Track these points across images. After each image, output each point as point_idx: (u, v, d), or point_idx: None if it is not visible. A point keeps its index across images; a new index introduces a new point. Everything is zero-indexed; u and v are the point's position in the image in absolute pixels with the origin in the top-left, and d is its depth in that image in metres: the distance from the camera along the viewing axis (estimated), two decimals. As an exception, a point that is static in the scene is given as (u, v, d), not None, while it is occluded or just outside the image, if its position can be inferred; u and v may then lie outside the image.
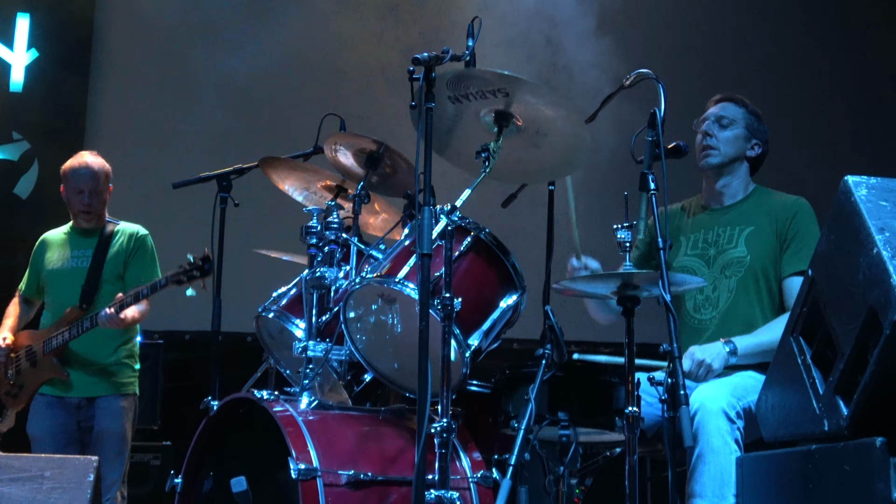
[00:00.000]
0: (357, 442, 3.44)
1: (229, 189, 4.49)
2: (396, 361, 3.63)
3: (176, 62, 7.48)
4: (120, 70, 7.58)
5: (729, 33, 7.86)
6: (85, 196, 5.16)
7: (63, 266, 5.18)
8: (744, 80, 7.35)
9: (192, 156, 6.74)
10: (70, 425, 5.06)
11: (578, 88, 6.07)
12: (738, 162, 4.10)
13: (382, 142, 4.02)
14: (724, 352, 3.69)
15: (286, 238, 4.47)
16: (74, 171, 5.18)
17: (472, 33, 3.46)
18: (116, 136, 7.38)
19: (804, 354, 2.98)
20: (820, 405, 2.85)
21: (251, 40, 7.37)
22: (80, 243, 5.23)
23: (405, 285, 3.35)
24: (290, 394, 3.64)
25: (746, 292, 3.93)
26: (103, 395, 5.05)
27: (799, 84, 7.78)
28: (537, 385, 3.25)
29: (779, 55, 7.82)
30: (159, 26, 7.50)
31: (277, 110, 7.32)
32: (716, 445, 3.40)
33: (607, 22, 6.35)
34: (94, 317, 4.89)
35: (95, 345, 5.06)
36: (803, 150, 7.45)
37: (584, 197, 4.86)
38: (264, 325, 4.16)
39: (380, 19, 7.50)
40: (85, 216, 5.18)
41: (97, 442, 4.98)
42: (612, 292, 3.36)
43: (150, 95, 7.49)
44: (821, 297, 2.91)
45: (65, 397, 5.05)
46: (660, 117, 3.42)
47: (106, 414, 5.02)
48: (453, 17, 6.83)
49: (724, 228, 4.06)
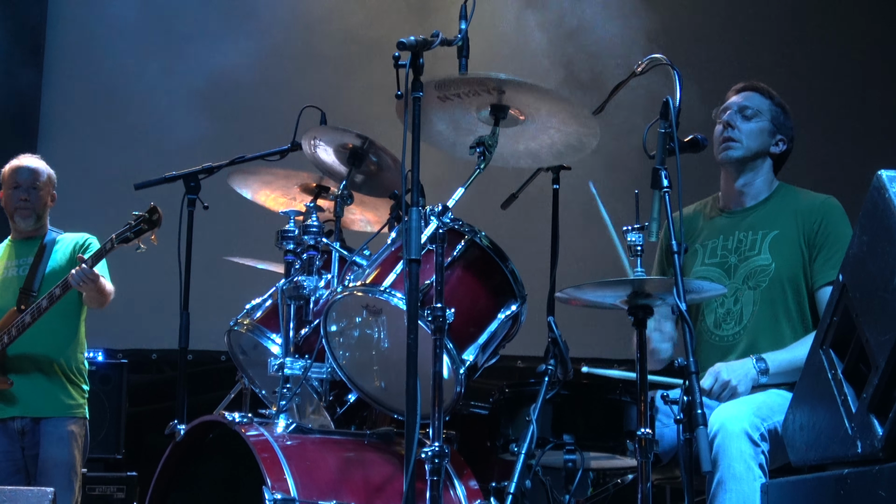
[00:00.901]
0: (339, 469, 3.43)
1: (197, 190, 4.49)
2: (383, 380, 3.63)
3: (139, 53, 7.49)
4: (77, 65, 7.59)
5: (753, 19, 7.88)
6: (21, 190, 5.24)
7: (2, 277, 5.21)
8: (767, 65, 7.36)
9: (156, 155, 6.73)
10: (14, 453, 5.07)
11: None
12: (761, 158, 4.07)
13: (366, 136, 4.03)
14: (753, 372, 3.69)
15: (260, 244, 4.48)
16: (13, 169, 5.31)
17: (464, 15, 3.45)
18: (73, 134, 7.40)
19: (835, 369, 2.98)
20: (852, 425, 2.85)
21: (220, 27, 7.39)
22: (20, 252, 5.29)
23: (392, 295, 3.34)
24: (266, 416, 3.63)
25: (772, 305, 3.91)
26: (49, 416, 5.04)
27: (828, 71, 7.80)
28: (539, 405, 3.25)
29: (806, 41, 7.84)
30: (122, 16, 7.50)
31: (250, 103, 7.33)
32: (738, 471, 3.40)
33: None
34: (63, 283, 4.91)
35: (40, 348, 5.06)
36: (832, 142, 7.45)
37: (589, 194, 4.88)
38: (236, 341, 4.15)
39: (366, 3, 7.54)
40: (21, 213, 5.24)
41: (43, 472, 4.97)
42: (621, 301, 3.36)
43: (110, 89, 7.49)
44: (853, 304, 2.91)
45: (7, 421, 5.05)
46: (674, 107, 3.42)
47: (52, 440, 5.03)
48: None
49: (745, 233, 4.04)
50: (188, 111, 7.35)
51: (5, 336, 5.00)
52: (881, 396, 2.74)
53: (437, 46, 3.27)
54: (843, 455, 2.88)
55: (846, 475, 2.86)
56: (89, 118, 7.47)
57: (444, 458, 3.07)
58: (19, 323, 4.98)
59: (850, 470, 2.85)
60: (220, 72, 7.42)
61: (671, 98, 3.42)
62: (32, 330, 5.01)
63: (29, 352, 5.06)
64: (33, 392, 5.06)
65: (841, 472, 2.88)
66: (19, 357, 5.06)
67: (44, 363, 5.08)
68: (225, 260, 4.96)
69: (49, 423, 5.05)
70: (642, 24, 5.90)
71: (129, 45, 7.51)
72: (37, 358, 5.07)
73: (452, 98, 3.51)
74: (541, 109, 3.54)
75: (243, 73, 7.41)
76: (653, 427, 3.24)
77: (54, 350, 5.11)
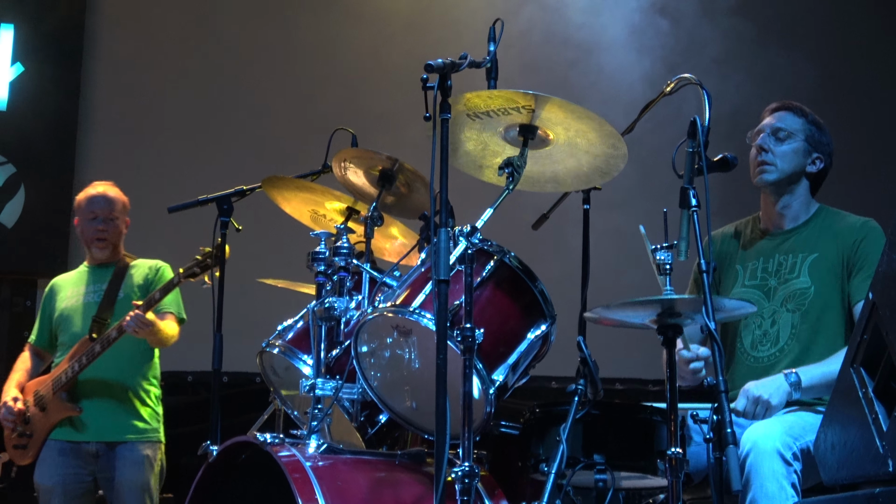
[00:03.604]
0: (370, 489, 3.43)
1: (230, 213, 4.53)
2: (414, 400, 3.62)
3: (173, 77, 7.56)
4: (113, 86, 7.66)
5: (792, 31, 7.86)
6: (98, 221, 5.28)
7: (76, 303, 5.27)
8: (805, 85, 7.32)
9: (190, 177, 6.80)
10: (83, 476, 5.08)
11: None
12: (798, 179, 4.05)
13: (397, 158, 4.05)
14: (785, 385, 3.66)
15: (292, 266, 4.50)
16: (89, 199, 5.33)
17: (493, 37, 3.46)
18: (109, 158, 7.46)
19: (866, 387, 2.97)
20: (883, 443, 2.83)
21: (254, 54, 7.45)
22: (95, 278, 5.33)
23: (422, 315, 3.34)
24: (297, 437, 3.64)
25: (811, 328, 3.89)
26: (125, 441, 5.07)
27: (867, 88, 7.76)
28: (569, 424, 3.25)
29: (843, 58, 7.81)
30: (157, 39, 7.59)
31: (284, 127, 7.37)
32: (770, 490, 3.38)
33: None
34: (118, 327, 4.93)
35: (110, 375, 5.09)
36: (874, 161, 7.41)
37: (620, 213, 4.89)
38: (269, 362, 4.17)
39: (398, 29, 7.56)
40: (98, 244, 5.28)
41: (118, 494, 4.99)
42: (651, 320, 3.36)
43: (145, 114, 7.56)
44: (883, 322, 2.90)
45: (80, 443, 5.07)
46: (701, 127, 3.43)
47: (127, 463, 5.05)
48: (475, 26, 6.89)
49: (785, 256, 4.02)
50: (221, 134, 7.43)
51: (76, 364, 5.02)
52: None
53: (466, 69, 3.30)
54: (875, 474, 2.87)
55: (878, 494, 2.84)
56: (124, 141, 7.54)
57: (474, 478, 3.07)
58: (90, 352, 5.00)
59: (881, 489, 2.84)
60: (250, 94, 7.51)
61: (699, 118, 3.43)
62: (104, 355, 5.03)
63: (100, 377, 5.08)
64: (105, 417, 5.08)
65: (872, 490, 2.87)
66: (90, 382, 5.08)
67: (116, 388, 5.10)
68: (257, 282, 4.99)
69: (125, 448, 5.07)
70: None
71: (163, 71, 7.59)
72: (109, 383, 5.10)
73: (482, 116, 3.51)
74: (570, 129, 3.54)
75: (274, 95, 7.48)
76: (684, 447, 3.24)
77: (126, 375, 5.14)
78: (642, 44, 6.83)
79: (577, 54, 7.11)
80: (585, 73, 6.92)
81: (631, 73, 6.57)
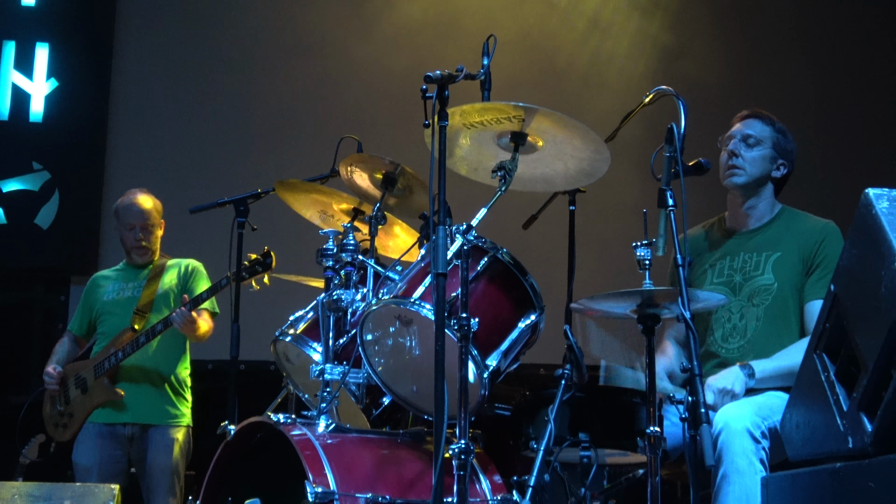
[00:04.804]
0: (375, 465, 3.43)
1: (246, 214, 4.55)
2: (415, 384, 3.62)
3: (195, 90, 7.55)
4: (140, 98, 7.65)
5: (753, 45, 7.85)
6: (137, 231, 5.28)
7: (117, 297, 5.28)
8: (771, 91, 7.32)
9: (210, 181, 6.79)
10: (118, 457, 5.09)
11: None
12: (764, 182, 4.06)
13: (398, 162, 4.04)
14: (741, 376, 3.68)
15: (303, 262, 4.49)
16: (125, 208, 5.32)
17: (486, 51, 3.47)
18: (136, 164, 7.45)
19: (828, 371, 2.97)
20: (844, 422, 2.83)
21: (269, 67, 7.44)
22: (134, 276, 5.34)
23: (421, 306, 3.34)
24: (308, 417, 3.64)
25: (774, 321, 3.89)
26: (157, 425, 5.08)
27: (825, 92, 7.76)
28: (557, 406, 3.25)
29: (804, 64, 7.80)
30: (179, 54, 7.59)
31: (295, 134, 7.36)
32: (741, 466, 3.38)
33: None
34: (165, 320, 4.95)
35: (149, 364, 5.11)
36: (831, 161, 7.40)
37: (601, 214, 4.89)
38: (282, 350, 4.17)
39: (398, 43, 7.56)
40: (138, 251, 5.30)
41: (149, 475, 5.00)
42: (631, 311, 3.35)
43: (170, 123, 7.55)
44: (844, 312, 2.90)
45: (116, 426, 5.07)
46: (678, 134, 3.42)
47: (159, 447, 5.06)
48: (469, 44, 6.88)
49: (750, 255, 4.02)
50: (238, 142, 7.42)
51: (120, 352, 5.03)
52: (870, 396, 2.73)
53: (462, 80, 3.29)
54: (836, 450, 2.86)
55: (839, 469, 2.84)
56: (149, 149, 7.53)
57: (469, 454, 3.08)
58: (135, 341, 5.01)
59: (842, 464, 2.83)
60: (265, 104, 7.50)
61: (675, 125, 3.42)
62: (146, 346, 5.05)
63: (141, 364, 5.09)
64: (143, 402, 5.10)
65: (834, 465, 2.87)
66: (132, 369, 5.09)
67: (153, 376, 5.12)
68: (271, 276, 4.98)
69: (156, 431, 5.08)
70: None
71: (184, 85, 7.58)
72: (147, 371, 5.11)
73: (477, 126, 3.51)
74: (557, 136, 3.53)
75: (287, 106, 7.48)
76: (661, 426, 3.24)
77: (164, 364, 5.16)
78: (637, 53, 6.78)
79: (571, 65, 7.09)
80: (582, 83, 6.90)
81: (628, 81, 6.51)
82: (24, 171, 7.49)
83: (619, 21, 7.45)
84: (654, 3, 7.62)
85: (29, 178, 7.50)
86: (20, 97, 7.60)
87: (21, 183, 7.49)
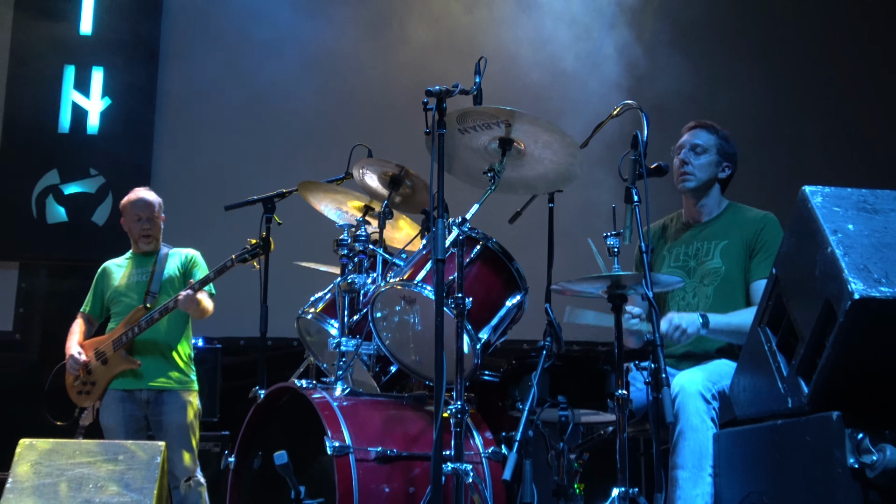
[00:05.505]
0: (384, 423, 3.42)
1: (273, 210, 4.53)
2: (417, 354, 3.62)
3: (228, 106, 7.53)
4: (181, 113, 7.64)
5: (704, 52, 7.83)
6: (143, 222, 5.25)
7: (128, 282, 5.23)
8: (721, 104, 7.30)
9: (241, 183, 6.76)
10: (139, 417, 5.06)
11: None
12: (712, 184, 4.05)
13: (403, 165, 4.03)
14: (698, 320, 3.64)
15: (321, 251, 4.47)
16: (133, 203, 5.29)
17: (479, 71, 3.47)
18: (177, 169, 7.44)
19: (770, 342, 2.97)
20: (784, 386, 2.84)
21: (292, 85, 7.42)
22: (140, 264, 5.28)
23: (423, 287, 3.33)
24: (327, 383, 3.63)
25: (722, 298, 3.88)
26: (170, 389, 5.05)
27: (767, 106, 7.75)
28: (539, 372, 3.23)
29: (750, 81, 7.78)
30: (215, 75, 7.56)
31: (314, 142, 7.35)
32: (695, 423, 3.37)
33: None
34: (174, 300, 4.93)
35: (160, 338, 5.08)
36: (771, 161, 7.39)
37: (577, 210, 4.86)
38: (304, 326, 4.16)
39: (404, 65, 7.54)
40: (145, 240, 5.25)
41: (167, 431, 4.97)
42: (603, 291, 3.34)
43: (206, 134, 7.54)
44: (784, 291, 2.90)
45: (134, 391, 5.05)
46: (642, 141, 3.42)
47: (175, 408, 5.02)
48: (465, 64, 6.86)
49: (702, 243, 4.01)
50: (265, 148, 7.41)
51: (136, 327, 5.01)
52: (807, 363, 2.73)
53: (457, 95, 3.29)
54: (778, 409, 2.87)
55: (780, 425, 2.85)
56: (189, 156, 7.52)
57: (465, 414, 3.08)
58: (148, 318, 4.99)
59: (783, 421, 2.84)
60: (289, 117, 7.48)
61: (640, 133, 3.41)
62: (157, 322, 5.04)
63: (152, 338, 5.05)
64: (156, 370, 5.05)
65: (776, 422, 2.87)
66: (145, 342, 5.05)
67: (164, 348, 5.08)
68: (294, 264, 4.97)
69: (171, 395, 5.04)
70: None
71: (220, 101, 7.56)
72: (158, 344, 5.07)
73: (469, 131, 3.50)
74: (538, 141, 3.52)
75: (307, 118, 7.46)
76: (628, 389, 3.23)
77: (172, 338, 5.11)
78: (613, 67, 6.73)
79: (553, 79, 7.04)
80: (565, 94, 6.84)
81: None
82: (83, 177, 7.48)
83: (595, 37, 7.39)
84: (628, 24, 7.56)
85: (87, 183, 7.49)
86: (79, 113, 7.59)
87: (80, 186, 7.48)
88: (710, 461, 3.31)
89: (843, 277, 2.53)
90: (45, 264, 7.44)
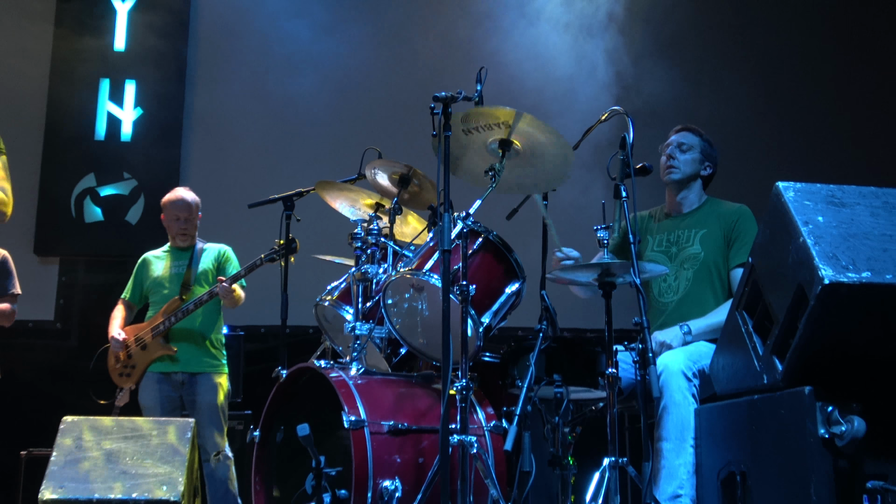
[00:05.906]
0: (395, 400, 3.43)
1: (293, 207, 4.52)
2: (425, 337, 3.62)
3: (250, 114, 7.53)
4: (207, 121, 7.63)
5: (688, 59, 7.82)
6: (182, 222, 5.25)
7: (166, 274, 5.23)
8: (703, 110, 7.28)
9: (263, 183, 6.75)
10: (174, 398, 5.07)
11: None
12: (694, 179, 4.08)
13: (411, 166, 4.03)
14: (679, 334, 3.70)
15: (337, 244, 4.48)
16: (173, 203, 5.28)
17: (480, 79, 3.47)
18: (203, 172, 7.43)
19: (747, 325, 2.98)
20: (760, 364, 2.84)
21: (310, 94, 7.41)
22: (178, 257, 5.29)
23: (430, 276, 3.34)
24: (343, 364, 3.63)
25: (701, 281, 3.91)
26: (203, 372, 5.06)
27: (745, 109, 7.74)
28: (536, 353, 3.24)
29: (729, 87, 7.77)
30: (238, 87, 7.56)
31: (330, 145, 7.34)
32: (677, 399, 3.38)
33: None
34: (209, 292, 4.96)
35: (195, 326, 5.09)
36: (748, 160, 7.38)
37: (571, 205, 4.85)
38: (321, 312, 4.15)
39: (411, 74, 7.53)
40: (182, 237, 5.26)
41: (200, 411, 4.98)
42: (594, 279, 3.34)
43: (231, 140, 7.53)
44: (759, 278, 2.90)
45: (171, 374, 5.05)
46: (629, 142, 3.41)
47: (206, 388, 5.03)
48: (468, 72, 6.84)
49: (683, 231, 4.04)
50: (285, 151, 7.40)
51: (172, 317, 5.03)
52: (780, 343, 2.74)
53: (461, 101, 3.29)
54: (754, 386, 2.87)
55: (756, 400, 2.85)
56: (214, 161, 7.51)
57: (469, 391, 3.07)
58: (185, 308, 5.01)
59: (759, 396, 2.84)
60: (306, 122, 7.48)
61: (627, 135, 3.41)
62: (192, 314, 5.06)
63: (188, 327, 5.06)
64: (191, 355, 5.06)
65: (752, 398, 2.88)
66: (181, 331, 5.06)
67: (198, 336, 5.08)
68: (312, 257, 4.97)
69: (203, 377, 5.05)
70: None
71: (243, 112, 7.55)
72: (193, 332, 5.08)
73: (472, 132, 3.50)
74: (534, 142, 3.52)
75: (323, 123, 7.46)
76: (617, 369, 3.23)
77: (205, 326, 5.12)
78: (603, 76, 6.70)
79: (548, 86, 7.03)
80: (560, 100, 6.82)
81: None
82: (117, 180, 7.47)
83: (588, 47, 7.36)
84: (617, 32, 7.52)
85: (121, 185, 7.47)
86: (113, 122, 7.57)
87: (115, 189, 7.47)
88: (692, 433, 3.31)
89: (814, 264, 2.53)
90: (83, 260, 7.43)
